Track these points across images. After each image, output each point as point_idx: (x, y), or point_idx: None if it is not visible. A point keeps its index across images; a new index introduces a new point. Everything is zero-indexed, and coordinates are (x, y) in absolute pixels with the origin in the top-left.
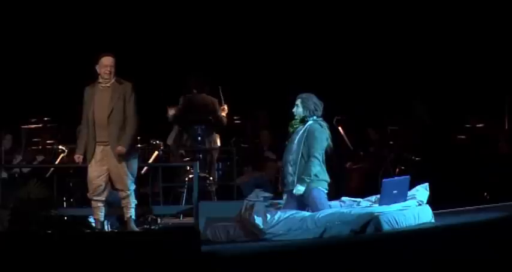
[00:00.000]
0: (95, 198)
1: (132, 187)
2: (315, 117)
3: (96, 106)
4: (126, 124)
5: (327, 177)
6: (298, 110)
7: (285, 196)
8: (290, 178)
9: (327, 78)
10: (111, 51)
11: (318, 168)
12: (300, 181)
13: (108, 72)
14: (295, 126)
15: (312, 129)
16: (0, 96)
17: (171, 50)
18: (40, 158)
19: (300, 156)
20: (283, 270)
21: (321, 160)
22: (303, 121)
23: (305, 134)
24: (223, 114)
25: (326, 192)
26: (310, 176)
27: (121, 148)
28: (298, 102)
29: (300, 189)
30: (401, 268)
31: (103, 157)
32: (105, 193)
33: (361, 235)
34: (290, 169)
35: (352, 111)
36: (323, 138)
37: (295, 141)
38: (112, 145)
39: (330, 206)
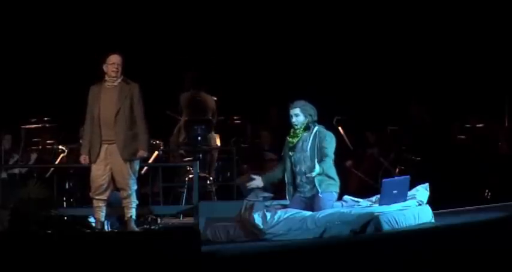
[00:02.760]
0: (96, 197)
1: (134, 187)
2: (315, 123)
3: (103, 105)
4: (138, 127)
5: (338, 180)
6: (300, 119)
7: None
8: (307, 187)
9: (328, 78)
10: (110, 51)
11: (334, 169)
12: (328, 186)
13: (115, 69)
14: (299, 135)
15: (322, 133)
16: (0, 96)
17: (171, 50)
18: (34, 156)
19: (316, 163)
20: (283, 270)
21: (333, 159)
22: (307, 128)
23: (316, 139)
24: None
25: (337, 194)
26: (335, 180)
27: (142, 152)
28: (297, 111)
29: (330, 191)
30: (401, 268)
31: (106, 156)
32: (107, 193)
33: (361, 235)
34: (306, 178)
35: (351, 113)
36: (335, 140)
37: (308, 149)
38: (118, 145)
39: (333, 206)
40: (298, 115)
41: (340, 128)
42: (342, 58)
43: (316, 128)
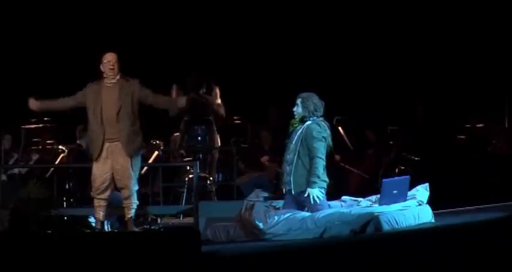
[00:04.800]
0: (97, 197)
1: (135, 187)
2: (314, 118)
3: (104, 104)
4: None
5: (326, 178)
6: (298, 110)
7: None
8: (287, 178)
9: (328, 78)
10: (111, 50)
11: (322, 169)
12: (310, 183)
13: (111, 67)
14: (294, 125)
15: (309, 130)
16: (0, 96)
17: (172, 49)
18: (35, 157)
19: (296, 155)
20: (283, 270)
21: (324, 160)
22: (302, 121)
23: (302, 135)
24: (220, 106)
25: (324, 192)
26: (319, 177)
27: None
28: (299, 101)
29: (313, 192)
30: (402, 268)
31: (108, 155)
32: (108, 192)
33: (361, 235)
34: (287, 168)
35: (352, 112)
36: (321, 137)
37: (293, 141)
38: (122, 141)
39: (330, 206)
40: (298, 106)
41: (340, 128)
42: (342, 58)
43: (307, 123)
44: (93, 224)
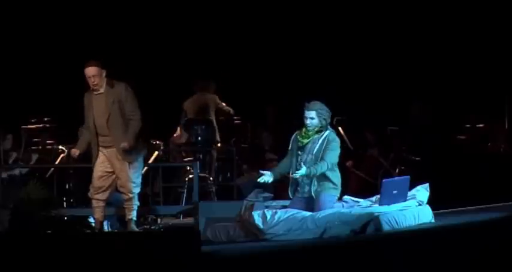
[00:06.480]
0: (95, 197)
1: (136, 190)
2: (328, 126)
3: (95, 114)
4: (130, 120)
5: (340, 186)
6: (314, 122)
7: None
8: (307, 188)
9: (327, 78)
10: (112, 51)
11: (336, 174)
12: (307, 169)
13: (92, 82)
14: (310, 137)
15: (331, 140)
16: (0, 96)
17: (172, 49)
18: (35, 157)
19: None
20: (283, 270)
21: (329, 167)
22: (318, 131)
23: (324, 144)
24: (224, 104)
25: (336, 197)
26: (336, 185)
27: (124, 144)
28: (313, 114)
29: (301, 173)
30: (402, 268)
31: (107, 159)
32: (106, 194)
33: (361, 235)
34: (306, 179)
35: (351, 112)
36: (338, 147)
37: (314, 152)
38: (119, 150)
39: (332, 207)
40: (313, 119)
41: (340, 128)
42: (341, 57)
43: (327, 132)
44: (93, 224)
